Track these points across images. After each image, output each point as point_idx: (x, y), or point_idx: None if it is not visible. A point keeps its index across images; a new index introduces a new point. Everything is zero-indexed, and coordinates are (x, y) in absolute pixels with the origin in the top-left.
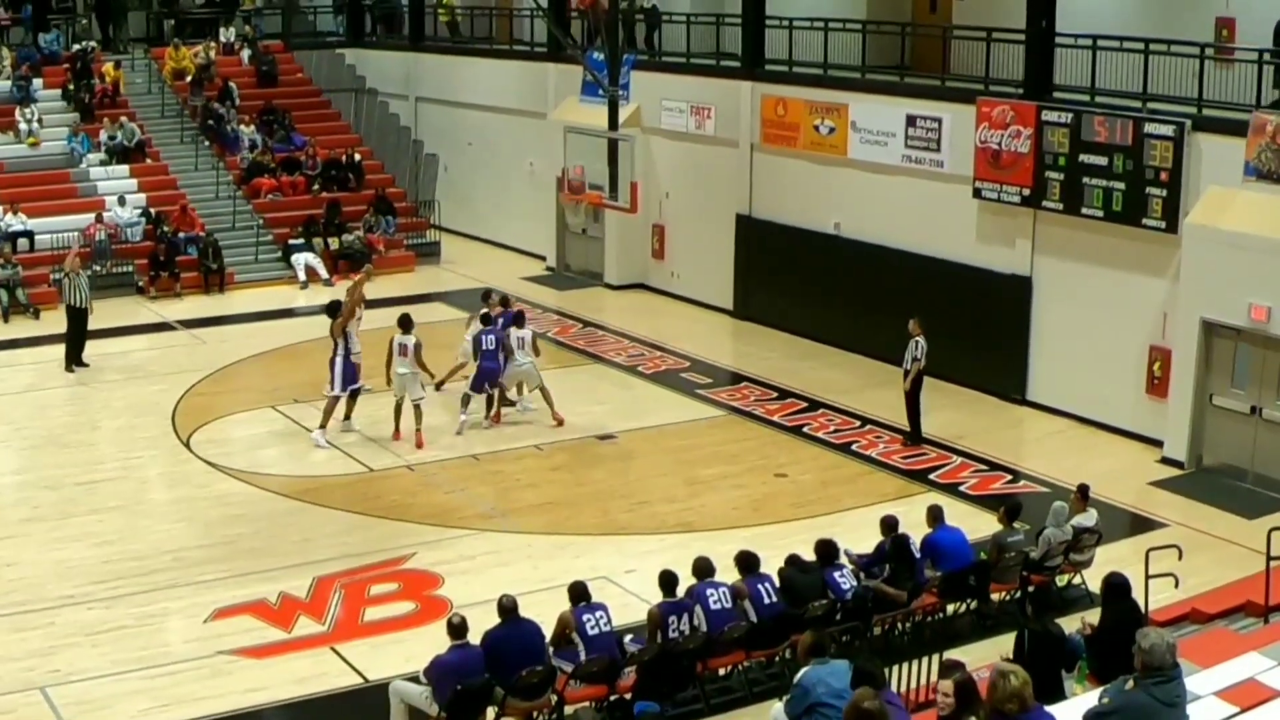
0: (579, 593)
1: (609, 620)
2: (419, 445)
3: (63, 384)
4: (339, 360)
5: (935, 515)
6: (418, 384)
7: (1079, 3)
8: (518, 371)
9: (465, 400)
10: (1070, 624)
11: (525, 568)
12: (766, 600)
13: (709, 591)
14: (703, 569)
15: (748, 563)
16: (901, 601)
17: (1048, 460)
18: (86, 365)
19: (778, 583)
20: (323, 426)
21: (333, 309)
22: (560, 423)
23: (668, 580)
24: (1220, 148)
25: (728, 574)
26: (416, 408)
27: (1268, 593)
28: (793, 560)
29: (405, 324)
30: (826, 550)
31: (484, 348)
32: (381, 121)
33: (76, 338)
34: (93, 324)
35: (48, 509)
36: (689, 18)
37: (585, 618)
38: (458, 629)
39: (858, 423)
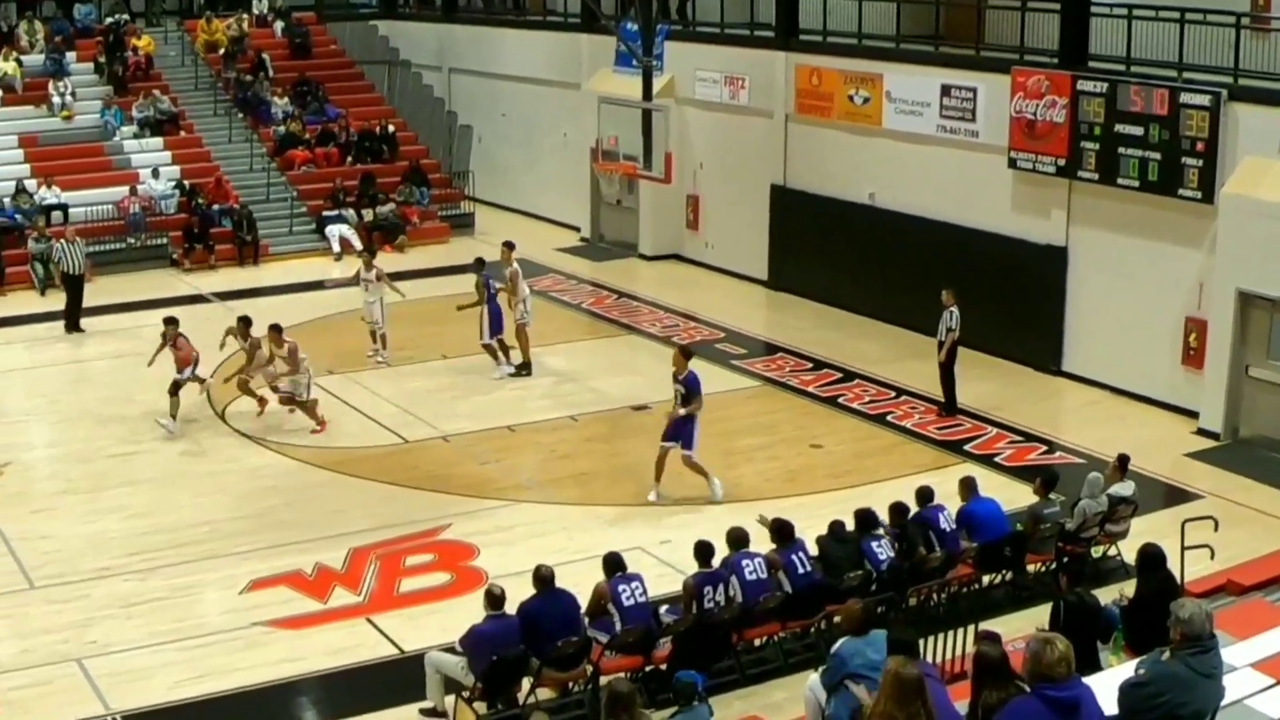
0: (614, 563)
1: (644, 591)
2: None
3: (97, 357)
4: (486, 310)
5: (969, 486)
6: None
7: None
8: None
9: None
10: (1106, 595)
11: (560, 538)
12: (801, 570)
13: (744, 562)
14: (738, 539)
15: (782, 532)
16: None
17: (1083, 431)
18: (82, 330)
19: (814, 552)
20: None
21: (478, 264)
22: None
23: (703, 550)
24: (1257, 118)
25: (762, 545)
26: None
27: None
28: (833, 529)
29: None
30: (865, 520)
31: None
32: (415, 93)
33: (75, 303)
34: (127, 296)
35: (82, 482)
36: None
37: (621, 588)
38: (496, 599)
39: (893, 393)
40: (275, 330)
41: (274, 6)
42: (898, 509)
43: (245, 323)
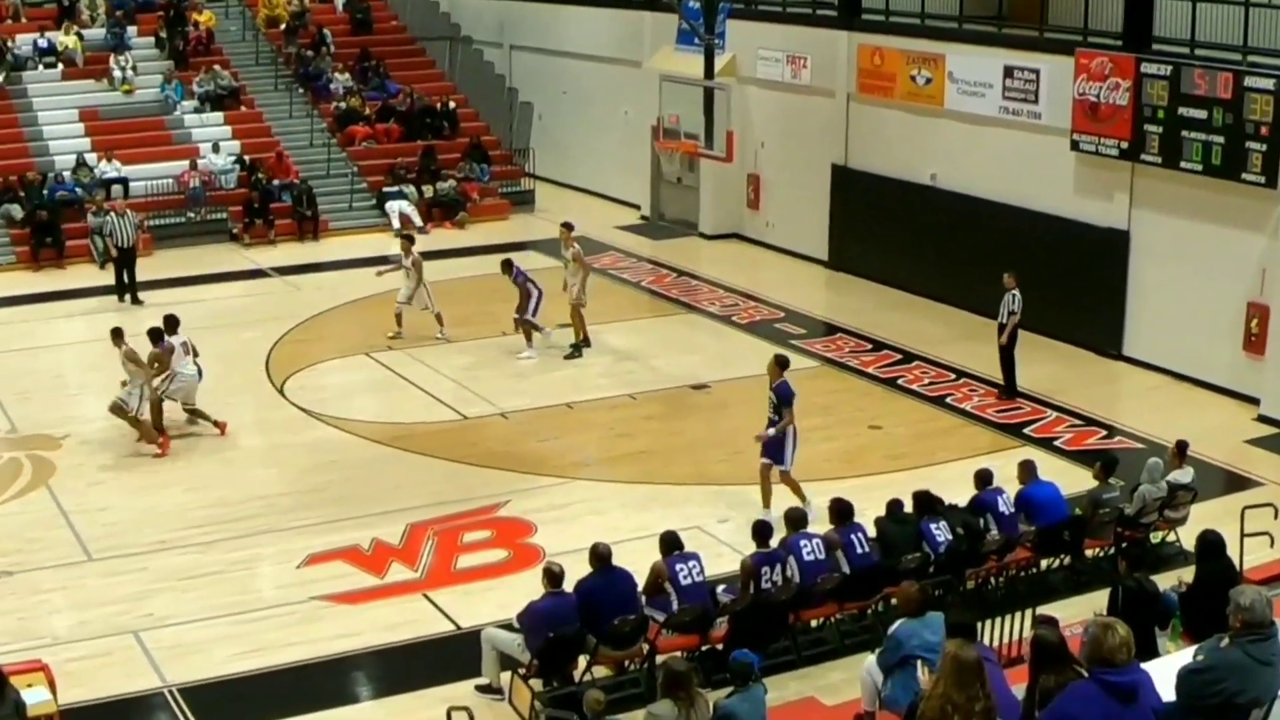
0: (672, 542)
1: (702, 570)
2: None
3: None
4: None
5: (1028, 470)
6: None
7: None
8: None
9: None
10: (1164, 581)
11: (618, 516)
12: (859, 550)
13: (802, 542)
14: (796, 520)
15: (841, 512)
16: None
17: (1143, 416)
18: (141, 303)
19: (871, 533)
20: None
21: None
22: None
23: (761, 530)
24: None
25: (822, 526)
26: None
27: None
28: (891, 510)
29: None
30: (924, 502)
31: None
32: (476, 69)
33: (130, 275)
34: (187, 271)
35: (138, 456)
36: None
37: (678, 567)
38: (555, 577)
39: (952, 375)
40: (115, 334)
41: None
42: (981, 478)
43: (117, 334)
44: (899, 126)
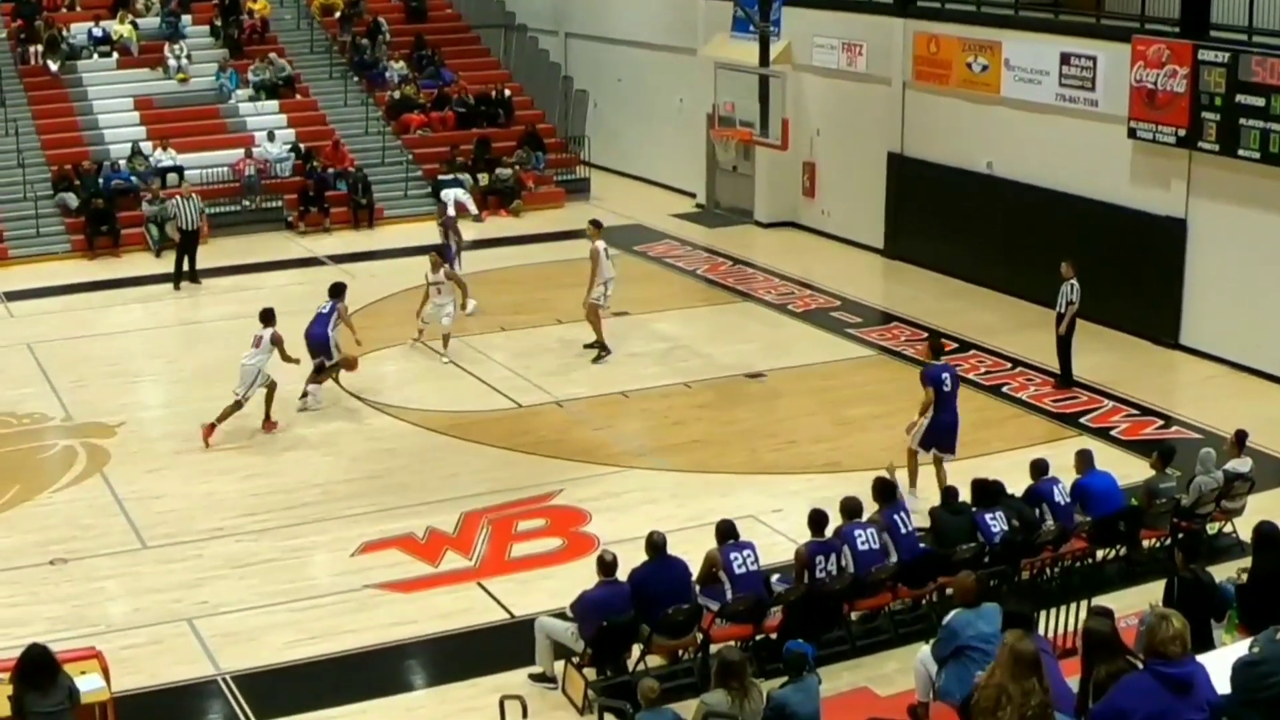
0: (726, 531)
1: (756, 559)
2: None
3: (213, 318)
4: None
5: (1085, 459)
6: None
7: None
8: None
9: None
10: (1221, 572)
11: (672, 505)
12: (903, 530)
13: (857, 532)
14: (851, 509)
15: (884, 492)
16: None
17: (1201, 406)
18: (199, 283)
19: (926, 523)
20: None
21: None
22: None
23: (817, 520)
24: None
25: (922, 519)
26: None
27: None
28: (946, 499)
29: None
30: (984, 491)
31: None
32: (531, 57)
33: (190, 258)
34: (243, 258)
35: (196, 442)
36: None
37: (732, 556)
38: (609, 566)
39: (1008, 365)
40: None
41: None
42: (1038, 467)
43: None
44: (955, 114)
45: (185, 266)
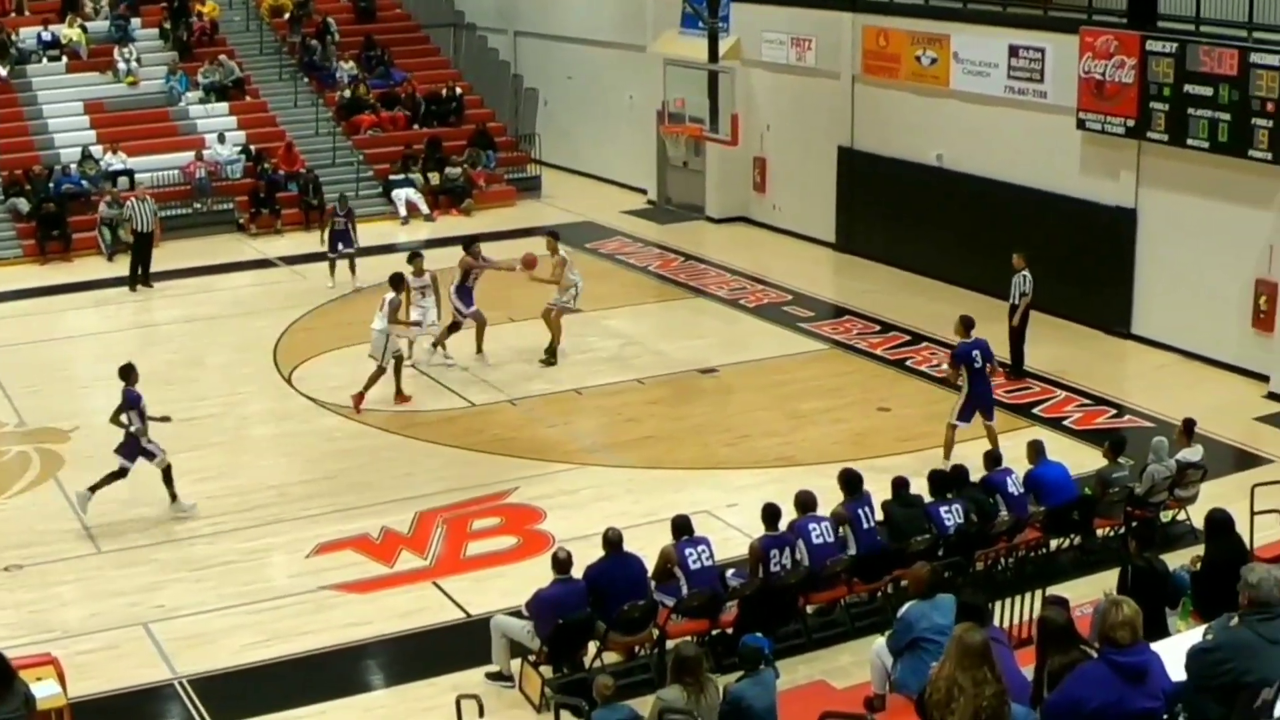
0: (681, 526)
1: (711, 554)
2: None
3: (165, 320)
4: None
5: (1037, 450)
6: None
7: None
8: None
9: None
10: (1175, 560)
11: (626, 502)
12: (866, 525)
13: (811, 525)
14: (805, 503)
15: (851, 484)
16: None
17: (1152, 395)
18: (151, 286)
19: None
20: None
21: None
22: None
23: (770, 514)
24: None
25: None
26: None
27: None
28: (898, 491)
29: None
30: (937, 483)
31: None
32: (480, 56)
33: (144, 261)
34: (194, 261)
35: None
36: None
37: (687, 552)
38: (562, 563)
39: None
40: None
41: None
42: (992, 457)
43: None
44: (904, 107)
45: (139, 269)
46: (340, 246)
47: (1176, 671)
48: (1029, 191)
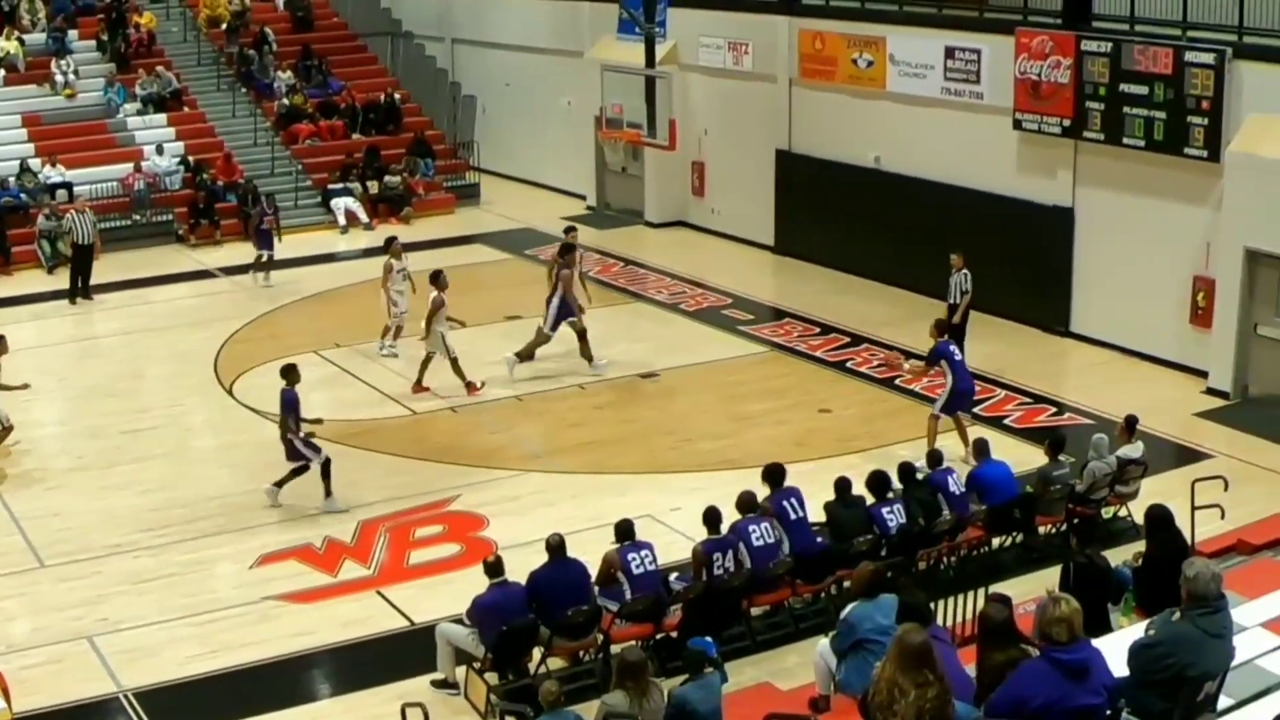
0: (624, 531)
1: (654, 559)
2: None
3: (105, 333)
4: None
5: (981, 449)
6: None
7: None
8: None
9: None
10: (1117, 556)
11: (570, 507)
12: (794, 516)
13: (751, 528)
14: (746, 503)
15: (773, 476)
16: None
17: (1092, 392)
18: (91, 299)
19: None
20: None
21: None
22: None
23: (711, 517)
24: (1261, 75)
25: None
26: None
27: None
28: (840, 492)
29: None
30: (876, 483)
31: None
32: (418, 64)
33: (85, 273)
34: (134, 273)
35: (93, 458)
36: None
37: (630, 556)
38: (494, 567)
39: (901, 357)
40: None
41: None
42: (932, 456)
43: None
44: (842, 110)
45: (80, 282)
46: (263, 246)
47: (1119, 667)
48: (966, 192)
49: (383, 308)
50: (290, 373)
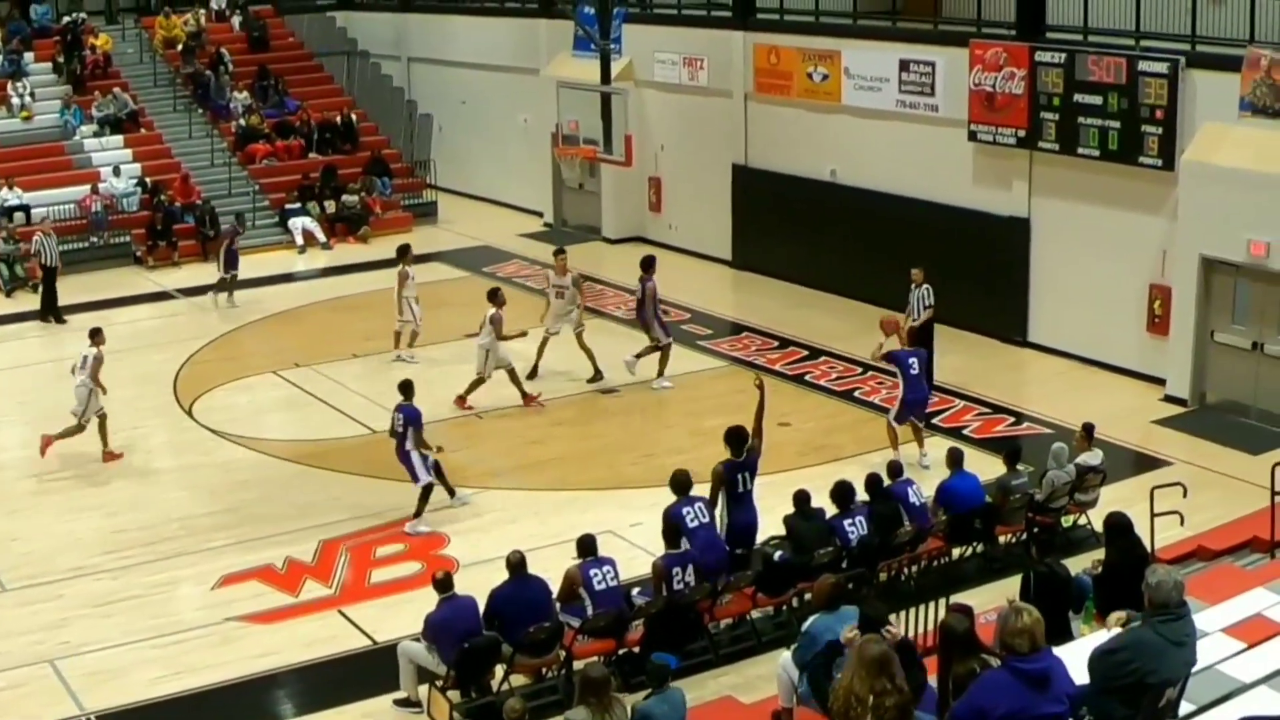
0: (586, 546)
1: (616, 575)
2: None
3: (66, 356)
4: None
5: (955, 460)
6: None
7: None
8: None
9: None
10: (1078, 564)
11: (532, 524)
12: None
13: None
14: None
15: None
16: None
17: (1050, 401)
18: (65, 321)
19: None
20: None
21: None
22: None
23: (669, 533)
24: (1215, 84)
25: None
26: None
27: (1273, 528)
28: (799, 506)
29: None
30: (840, 495)
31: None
32: (374, 83)
33: (52, 295)
34: (92, 295)
35: (55, 481)
36: None
37: (592, 573)
38: (442, 583)
39: (859, 369)
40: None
41: (232, 0)
42: (892, 468)
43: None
44: (797, 124)
45: (52, 303)
46: (228, 268)
47: (1080, 675)
48: (922, 204)
49: (395, 315)
50: (407, 390)
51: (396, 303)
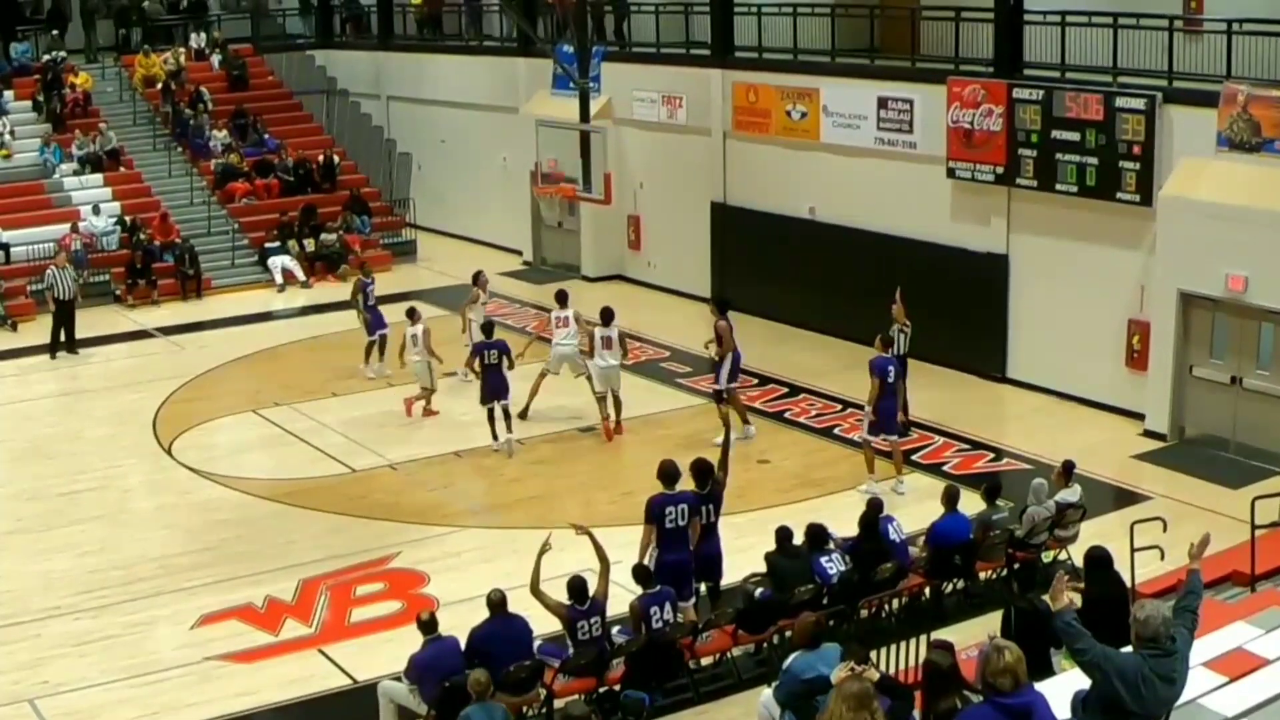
0: (577, 590)
1: (602, 625)
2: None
3: (43, 395)
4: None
5: (951, 499)
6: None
7: None
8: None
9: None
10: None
11: (510, 563)
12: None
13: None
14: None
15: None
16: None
17: (1029, 437)
18: (77, 353)
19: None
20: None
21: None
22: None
23: (642, 574)
24: (1192, 119)
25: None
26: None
27: (1253, 562)
28: (781, 543)
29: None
30: (815, 535)
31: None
32: (353, 121)
33: (69, 328)
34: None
35: (31, 520)
36: (657, 7)
37: (580, 624)
38: (427, 624)
39: (838, 406)
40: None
41: (211, 39)
42: (872, 505)
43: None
44: (776, 161)
45: (62, 336)
46: (376, 328)
47: (1062, 709)
48: (901, 241)
49: (463, 335)
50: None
51: (463, 321)
